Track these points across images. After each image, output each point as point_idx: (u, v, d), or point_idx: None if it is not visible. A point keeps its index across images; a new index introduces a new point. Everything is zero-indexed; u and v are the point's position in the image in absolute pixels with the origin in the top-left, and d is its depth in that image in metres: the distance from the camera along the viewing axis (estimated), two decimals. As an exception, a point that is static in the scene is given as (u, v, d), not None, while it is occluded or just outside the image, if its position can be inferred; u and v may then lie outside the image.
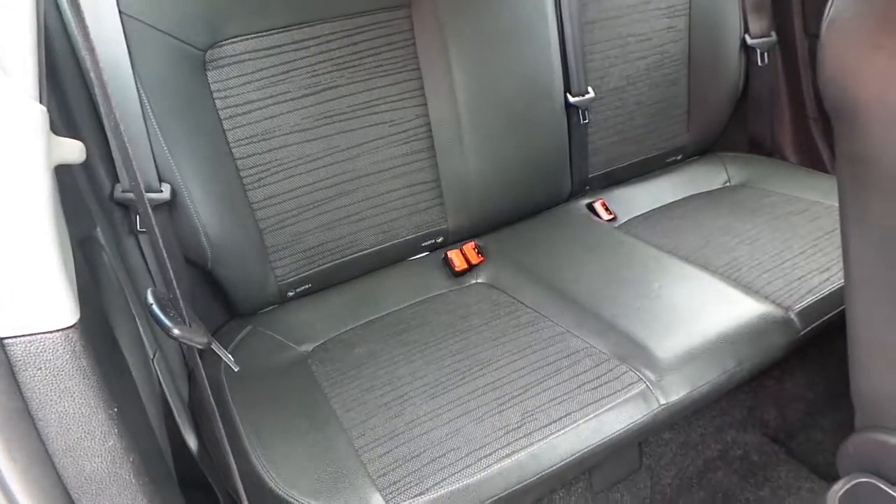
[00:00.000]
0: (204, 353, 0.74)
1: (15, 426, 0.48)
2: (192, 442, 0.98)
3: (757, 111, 1.59)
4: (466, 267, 1.25)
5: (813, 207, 1.31)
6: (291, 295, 1.19)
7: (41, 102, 0.49)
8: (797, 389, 1.35)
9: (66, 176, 0.78)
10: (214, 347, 0.76)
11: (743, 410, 1.32)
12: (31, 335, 0.47)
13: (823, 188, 1.37)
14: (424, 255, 1.31)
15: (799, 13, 1.49)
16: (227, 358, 0.84)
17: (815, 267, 1.13)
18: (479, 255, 1.27)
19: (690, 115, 1.53)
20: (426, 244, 1.30)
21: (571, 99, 1.34)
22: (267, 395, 0.99)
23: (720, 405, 1.31)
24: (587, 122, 1.37)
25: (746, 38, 1.51)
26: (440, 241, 1.31)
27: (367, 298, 1.20)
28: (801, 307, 1.05)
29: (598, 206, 1.41)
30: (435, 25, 1.17)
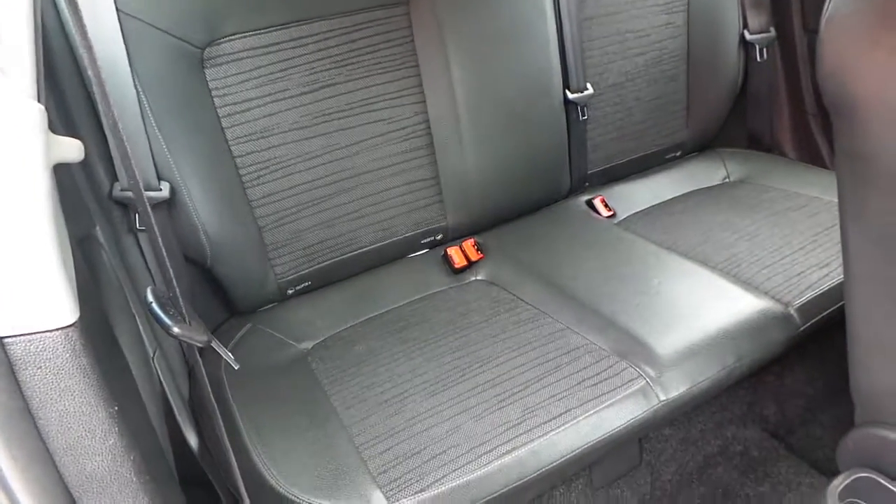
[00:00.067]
0: (204, 351, 0.74)
1: (15, 425, 0.48)
2: (192, 440, 0.98)
3: (756, 107, 1.59)
4: (466, 264, 1.25)
5: (812, 203, 1.31)
6: (291, 293, 1.19)
7: (39, 101, 0.49)
8: (797, 385, 1.35)
9: (64, 175, 0.78)
10: (214, 345, 0.76)
11: (743, 406, 1.32)
12: (30, 334, 0.47)
13: (822, 184, 1.37)
14: (424, 252, 1.31)
15: (798, 9, 1.48)
16: (226, 356, 0.84)
17: (814, 263, 1.13)
18: (478, 251, 1.27)
19: (689, 111, 1.52)
20: (425, 241, 1.30)
21: (570, 95, 1.33)
22: (267, 392, 0.99)
23: (720, 401, 1.32)
24: (586, 118, 1.37)
25: (745, 33, 1.51)
26: (439, 238, 1.31)
27: (366, 296, 1.20)
28: (800, 303, 1.05)
29: (597, 202, 1.41)
30: (433, 22, 1.17)
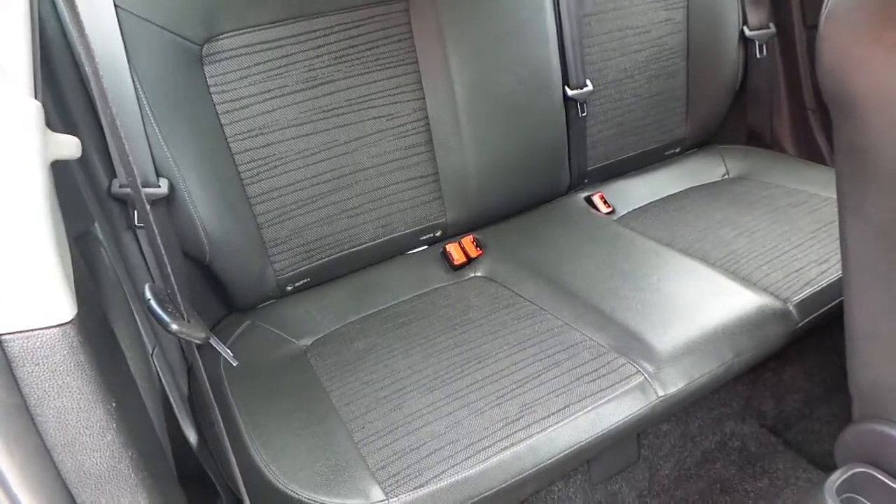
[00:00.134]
0: (203, 347, 0.74)
1: (13, 422, 0.48)
2: (191, 436, 0.99)
3: (755, 103, 1.59)
4: (465, 260, 1.25)
5: (811, 199, 1.31)
6: (290, 289, 1.19)
7: (36, 98, 0.49)
8: (795, 380, 1.35)
9: (63, 171, 0.78)
10: (213, 342, 0.76)
11: (741, 402, 1.32)
12: (28, 331, 0.47)
13: (822, 180, 1.37)
14: (423, 248, 1.31)
15: (797, 5, 1.48)
16: (225, 353, 0.85)
17: (813, 259, 1.13)
18: (477, 248, 1.27)
19: (689, 107, 1.52)
20: (425, 238, 1.30)
21: (570, 92, 1.33)
22: (266, 389, 0.99)
23: (718, 396, 1.32)
24: (585, 115, 1.37)
25: (745, 29, 1.51)
26: (439, 234, 1.31)
27: (365, 292, 1.20)
28: (799, 299, 1.05)
29: (596, 199, 1.41)
30: (433, 19, 1.17)
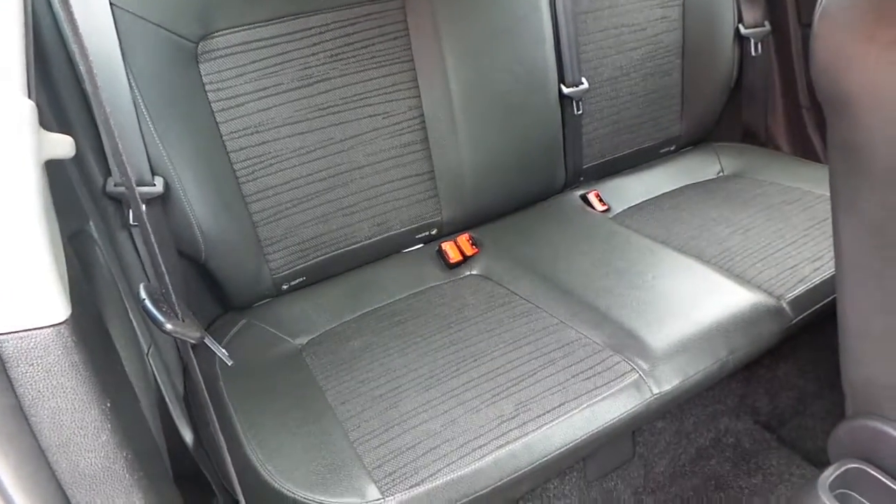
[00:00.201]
0: (198, 347, 0.74)
1: (7, 422, 0.48)
2: (187, 436, 0.99)
3: (750, 101, 1.59)
4: (461, 259, 1.25)
5: (805, 197, 1.31)
6: (286, 288, 1.19)
7: (30, 97, 0.49)
8: (789, 377, 1.36)
9: (57, 170, 0.78)
10: (208, 342, 0.76)
11: (735, 399, 1.33)
12: (22, 332, 0.47)
13: (816, 178, 1.37)
14: (419, 247, 1.31)
15: (792, 3, 1.48)
16: (220, 352, 0.85)
17: (807, 256, 1.13)
18: (473, 246, 1.27)
19: (684, 105, 1.52)
20: (420, 236, 1.30)
21: (565, 90, 1.33)
22: (262, 388, 0.99)
23: (713, 393, 1.32)
24: (581, 112, 1.37)
25: (740, 27, 1.51)
26: (434, 233, 1.31)
27: (361, 291, 1.20)
28: (792, 296, 1.06)
29: (591, 196, 1.41)
30: (428, 17, 1.17)
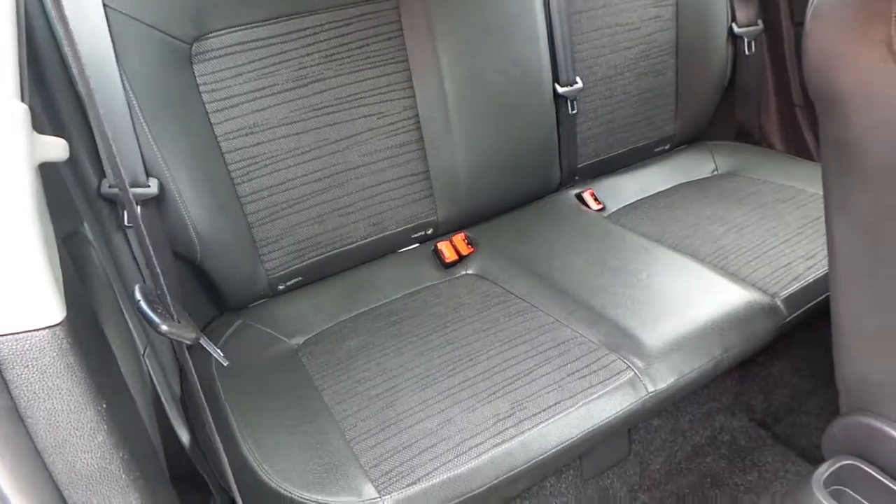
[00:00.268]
0: (194, 347, 0.74)
1: (3, 424, 0.48)
2: (183, 436, 0.98)
3: (744, 100, 1.60)
4: (456, 258, 1.25)
5: (799, 195, 1.32)
6: (282, 288, 1.19)
7: (23, 100, 0.49)
8: (783, 375, 1.37)
9: (52, 172, 0.78)
10: (203, 343, 0.76)
11: (730, 396, 1.34)
12: (17, 334, 0.47)
13: (809, 176, 1.38)
14: (414, 246, 1.31)
15: (785, 1, 1.49)
16: (216, 353, 0.85)
17: (800, 254, 1.14)
18: (468, 246, 1.27)
19: (678, 104, 1.53)
20: (416, 236, 1.30)
21: (560, 89, 1.34)
22: (258, 388, 0.99)
23: (708, 391, 1.33)
24: (575, 112, 1.37)
25: (733, 26, 1.52)
26: (430, 232, 1.31)
27: (357, 291, 1.20)
28: (786, 294, 1.06)
29: (586, 195, 1.41)
30: (423, 17, 1.17)
